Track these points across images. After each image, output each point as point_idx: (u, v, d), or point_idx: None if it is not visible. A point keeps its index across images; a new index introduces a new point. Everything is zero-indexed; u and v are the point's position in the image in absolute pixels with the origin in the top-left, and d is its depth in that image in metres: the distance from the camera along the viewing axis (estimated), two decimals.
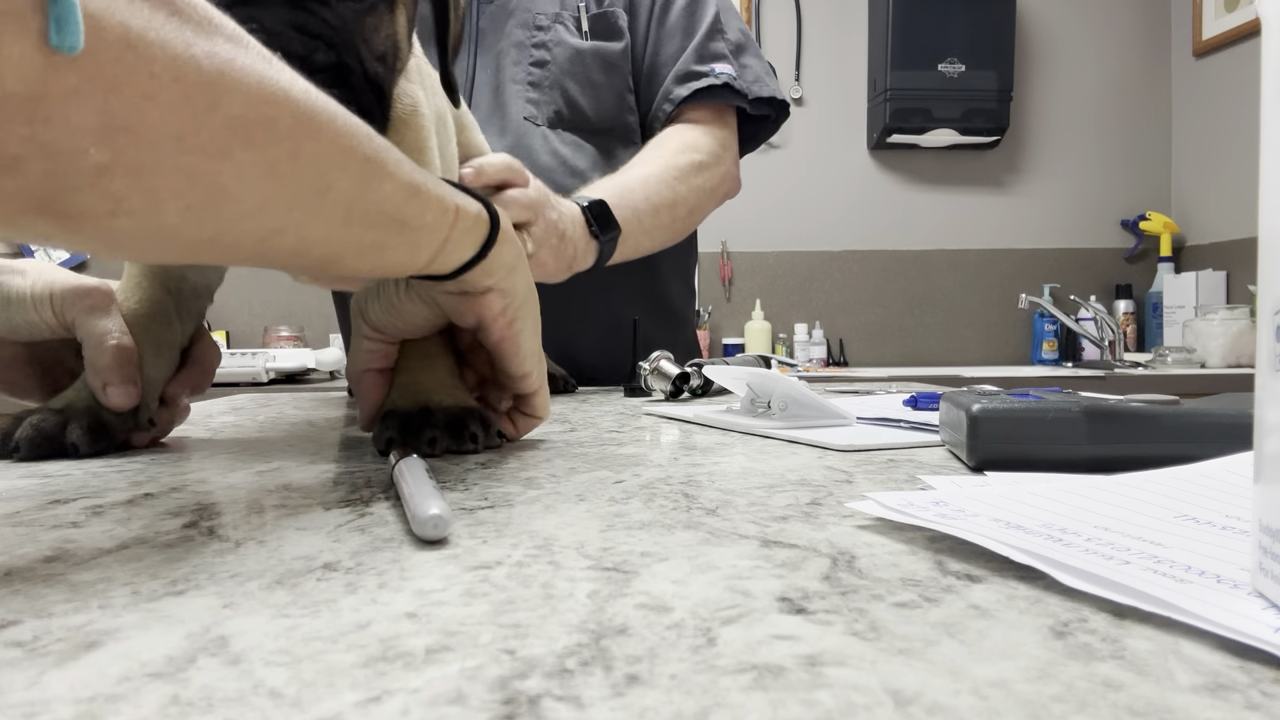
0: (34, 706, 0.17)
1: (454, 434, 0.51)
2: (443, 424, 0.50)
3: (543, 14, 1.12)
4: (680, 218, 1.09)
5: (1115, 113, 3.00)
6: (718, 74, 1.12)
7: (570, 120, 1.12)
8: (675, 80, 1.13)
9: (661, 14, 1.15)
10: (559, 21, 1.12)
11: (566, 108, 1.11)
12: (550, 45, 1.11)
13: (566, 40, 1.11)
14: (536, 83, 1.11)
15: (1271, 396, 0.21)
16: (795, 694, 0.17)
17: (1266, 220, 0.21)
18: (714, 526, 0.31)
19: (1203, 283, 2.70)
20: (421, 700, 0.17)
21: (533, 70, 1.11)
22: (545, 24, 1.12)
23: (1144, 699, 0.17)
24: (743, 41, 1.17)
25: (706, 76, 1.12)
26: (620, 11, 1.14)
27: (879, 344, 2.97)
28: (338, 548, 0.29)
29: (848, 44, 2.93)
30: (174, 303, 0.58)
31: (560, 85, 1.11)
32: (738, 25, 1.19)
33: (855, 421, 0.60)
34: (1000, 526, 0.28)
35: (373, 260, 0.42)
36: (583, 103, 1.12)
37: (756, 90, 1.14)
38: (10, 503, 0.37)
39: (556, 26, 1.12)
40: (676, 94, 1.12)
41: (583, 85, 1.11)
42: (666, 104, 1.13)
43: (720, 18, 1.17)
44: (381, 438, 0.50)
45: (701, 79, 1.12)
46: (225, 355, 2.13)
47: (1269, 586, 0.21)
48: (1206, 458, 0.35)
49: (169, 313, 0.58)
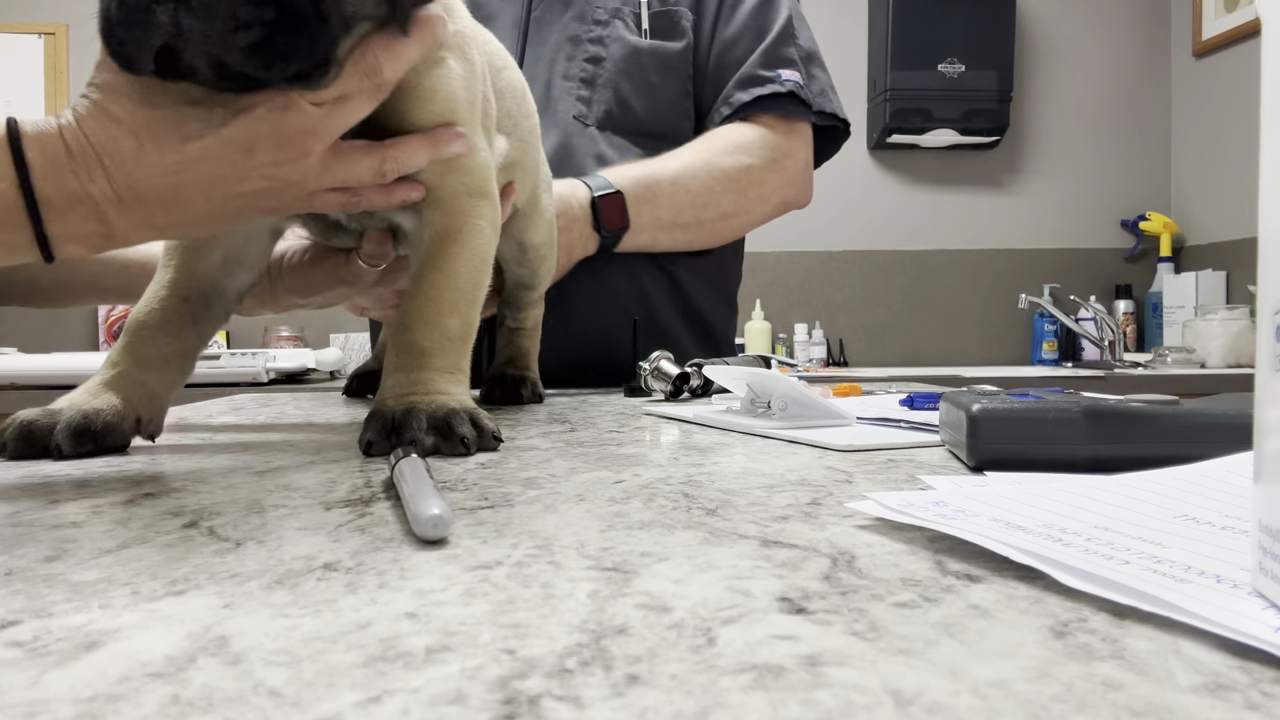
0: (34, 706, 0.17)
1: (442, 435, 0.50)
2: (427, 425, 0.50)
3: (601, 8, 1.06)
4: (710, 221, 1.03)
5: (1115, 113, 3.00)
6: (783, 81, 1.06)
7: (621, 122, 1.06)
8: (738, 84, 1.06)
9: (730, 11, 1.09)
10: (618, 17, 1.06)
11: (618, 108, 1.05)
12: (606, 42, 1.06)
13: (624, 37, 1.05)
14: (589, 80, 1.05)
15: (1271, 396, 0.21)
16: (795, 694, 0.17)
17: (1266, 220, 0.21)
18: (714, 526, 0.31)
19: (1202, 283, 2.70)
20: (421, 700, 0.17)
21: (586, 67, 1.05)
22: (603, 18, 1.06)
23: (1144, 699, 0.17)
24: (814, 50, 1.11)
25: (771, 82, 1.05)
26: (685, 10, 1.07)
27: (879, 344, 2.97)
28: (338, 548, 0.29)
29: (847, 44, 2.93)
30: (190, 311, 0.58)
31: (614, 84, 1.05)
32: (809, 33, 1.13)
33: (855, 421, 0.60)
34: (1000, 526, 0.28)
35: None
36: (636, 104, 1.06)
37: (821, 103, 1.08)
38: (10, 503, 0.37)
39: (615, 22, 1.06)
40: (737, 98, 1.06)
41: (637, 86, 1.06)
42: (725, 107, 1.06)
43: (793, 21, 1.10)
44: (363, 439, 0.50)
45: (766, 84, 1.05)
46: (225, 355, 2.13)
47: (1269, 586, 0.21)
48: (1206, 458, 0.35)
49: (182, 323, 0.58)
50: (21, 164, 0.44)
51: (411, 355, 0.55)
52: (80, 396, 0.53)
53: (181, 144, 0.47)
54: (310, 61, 0.47)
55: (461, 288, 0.58)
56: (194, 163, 0.47)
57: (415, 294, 0.57)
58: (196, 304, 0.59)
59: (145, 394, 0.55)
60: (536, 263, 0.87)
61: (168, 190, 0.47)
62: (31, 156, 0.44)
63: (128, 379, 0.54)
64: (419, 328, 0.55)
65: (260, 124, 0.48)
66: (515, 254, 0.85)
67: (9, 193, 0.44)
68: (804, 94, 1.06)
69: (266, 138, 0.48)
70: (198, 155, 0.47)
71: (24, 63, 2.67)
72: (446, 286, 0.57)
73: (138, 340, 0.56)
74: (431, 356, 0.55)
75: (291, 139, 0.49)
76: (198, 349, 0.59)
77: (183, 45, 0.45)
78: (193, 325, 0.59)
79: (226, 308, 0.62)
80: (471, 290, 0.59)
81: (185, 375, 0.58)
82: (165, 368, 0.56)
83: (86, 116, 0.46)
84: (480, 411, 0.53)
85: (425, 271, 0.58)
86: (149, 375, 0.55)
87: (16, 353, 2.29)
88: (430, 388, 0.53)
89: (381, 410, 0.51)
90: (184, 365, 0.58)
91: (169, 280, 0.58)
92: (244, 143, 0.48)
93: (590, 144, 1.05)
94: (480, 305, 0.60)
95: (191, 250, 0.59)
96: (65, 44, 2.68)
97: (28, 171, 0.44)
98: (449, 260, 0.58)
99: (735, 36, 1.08)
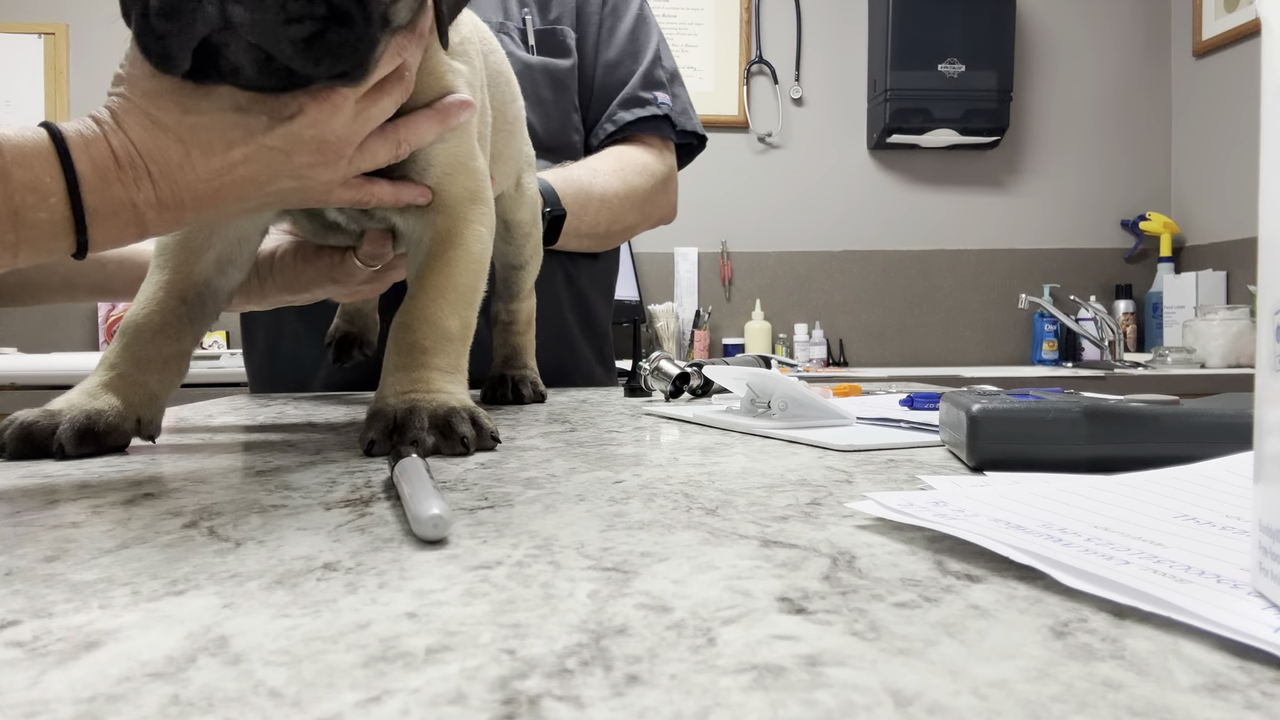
0: (34, 706, 0.17)
1: (443, 434, 0.50)
2: (429, 424, 0.50)
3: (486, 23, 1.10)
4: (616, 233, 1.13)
5: (1115, 113, 3.00)
6: (660, 103, 1.15)
7: None
8: (621, 105, 1.14)
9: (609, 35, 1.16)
10: (504, 33, 1.09)
11: None
12: None
13: (515, 53, 1.08)
14: None
15: (1271, 396, 0.21)
16: (795, 694, 0.17)
17: (1266, 220, 0.21)
18: (714, 526, 0.31)
19: (1202, 283, 2.70)
20: (421, 700, 0.17)
21: None
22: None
23: (1144, 699, 0.17)
24: (675, 71, 1.21)
25: (650, 105, 1.15)
26: (568, 29, 1.13)
27: (879, 344, 2.97)
28: (338, 548, 0.29)
29: (848, 44, 2.93)
30: (188, 312, 0.58)
31: None
32: (669, 53, 1.22)
33: (855, 421, 0.60)
34: (1000, 526, 0.28)
35: None
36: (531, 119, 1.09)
37: (683, 122, 1.18)
38: (10, 503, 0.37)
39: (501, 36, 1.08)
40: (621, 117, 1.14)
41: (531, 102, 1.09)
42: (609, 124, 1.14)
43: (661, 44, 1.19)
44: (365, 439, 0.50)
45: (646, 106, 1.14)
46: (225, 355, 2.13)
47: (1269, 586, 0.21)
48: (1206, 458, 0.35)
49: (180, 324, 0.58)
50: (72, 177, 0.44)
51: (412, 354, 0.55)
52: (79, 398, 0.53)
53: (226, 150, 0.47)
54: (355, 59, 0.48)
55: (461, 289, 0.59)
56: (235, 167, 0.48)
57: (417, 294, 0.58)
58: (193, 305, 0.59)
59: (145, 395, 0.55)
60: (522, 240, 0.90)
61: (208, 194, 0.48)
62: (82, 170, 0.44)
63: (127, 380, 0.54)
64: (420, 327, 0.56)
65: (304, 130, 0.49)
66: (500, 231, 0.89)
67: (59, 208, 0.44)
68: (674, 116, 1.17)
69: (307, 143, 0.49)
70: (240, 160, 0.48)
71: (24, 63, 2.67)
72: (447, 288, 0.58)
73: (136, 342, 0.56)
74: (432, 356, 0.55)
75: (331, 144, 0.50)
76: (193, 349, 0.59)
77: (227, 40, 0.45)
78: (190, 326, 0.59)
79: (219, 307, 0.62)
80: (470, 292, 0.60)
81: (183, 376, 0.58)
82: (165, 369, 0.56)
83: (133, 124, 0.46)
84: (479, 410, 0.53)
85: (426, 273, 0.59)
86: (149, 377, 0.55)
87: (16, 353, 2.30)
88: (431, 386, 0.53)
89: (383, 409, 0.51)
90: (182, 366, 0.58)
91: (165, 282, 0.58)
92: (285, 148, 0.49)
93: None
94: (478, 307, 0.61)
95: (186, 251, 0.59)
96: (65, 44, 2.68)
97: (78, 185, 0.44)
98: (449, 264, 0.59)
99: (616, 59, 1.16)
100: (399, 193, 0.58)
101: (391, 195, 0.58)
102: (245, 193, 0.49)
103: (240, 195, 0.49)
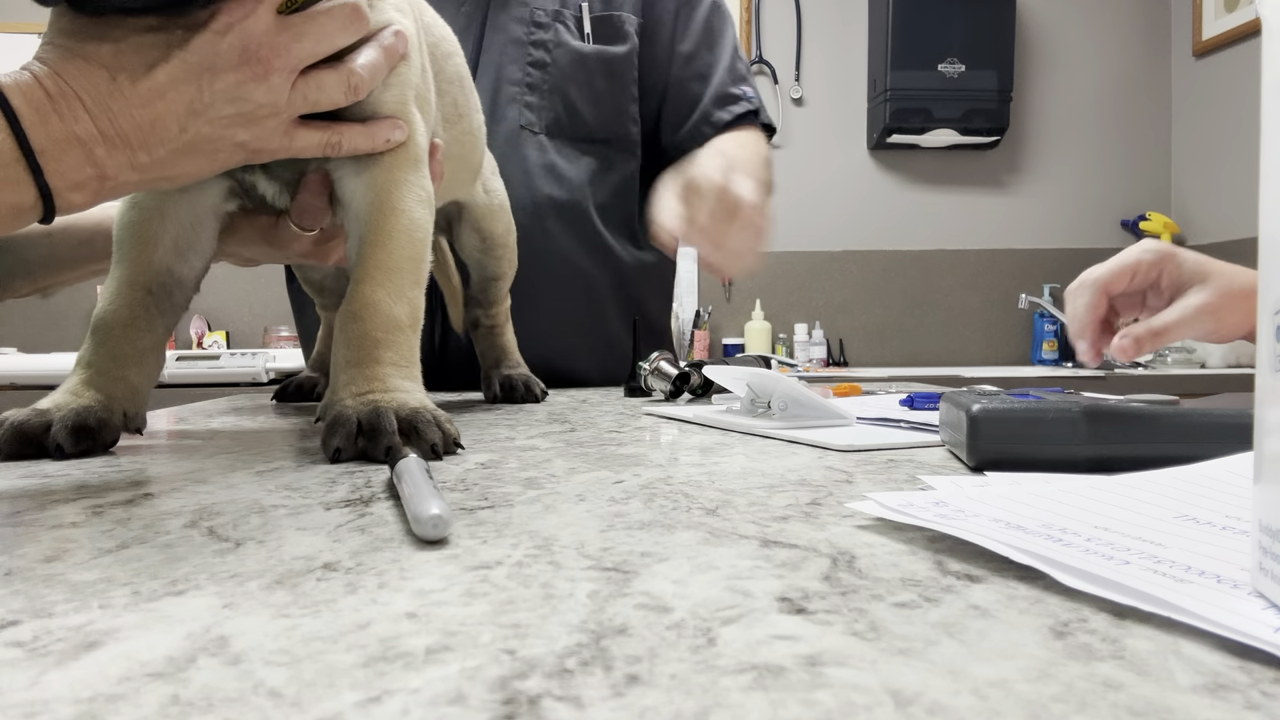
0: (34, 706, 0.17)
1: (408, 438, 0.48)
2: (396, 429, 0.48)
3: (541, 10, 1.07)
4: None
5: (1115, 113, 3.00)
6: (750, 98, 1.15)
7: (569, 128, 1.08)
8: (715, 102, 1.13)
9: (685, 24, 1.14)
10: (559, 20, 1.07)
11: (566, 115, 1.07)
12: (550, 46, 1.07)
13: (568, 42, 1.07)
14: (535, 85, 1.06)
15: (1271, 396, 0.21)
16: (795, 694, 0.17)
17: (1266, 220, 0.21)
18: (714, 526, 0.31)
19: None
20: (421, 700, 0.17)
21: (531, 72, 1.06)
22: (544, 21, 1.07)
23: (1144, 699, 0.17)
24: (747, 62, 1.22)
25: (743, 100, 1.14)
26: (628, 15, 1.10)
27: (879, 344, 2.97)
28: (338, 548, 0.29)
29: (848, 44, 2.93)
30: (155, 303, 0.58)
31: (561, 90, 1.07)
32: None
33: (855, 422, 0.60)
34: (1000, 526, 0.28)
35: None
36: (585, 110, 1.08)
37: (765, 116, 1.18)
38: (10, 503, 0.37)
39: (557, 25, 1.07)
40: (719, 117, 1.13)
41: (585, 92, 1.08)
42: (707, 127, 1.13)
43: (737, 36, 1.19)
44: (330, 445, 0.48)
45: (739, 102, 1.14)
46: (225, 355, 2.13)
47: (1269, 586, 0.21)
48: (1206, 458, 0.35)
49: (150, 316, 0.57)
50: (10, 113, 0.44)
51: (364, 348, 0.53)
52: (65, 397, 0.53)
53: (149, 71, 0.47)
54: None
55: (405, 266, 0.56)
56: (164, 89, 0.47)
57: (361, 278, 0.55)
58: (159, 296, 0.58)
59: (127, 389, 0.55)
60: (500, 251, 0.91)
61: (145, 123, 0.47)
62: (17, 105, 0.44)
63: (107, 376, 0.54)
64: (370, 317, 0.54)
65: (218, 39, 0.48)
66: (477, 244, 0.90)
67: (5, 143, 0.44)
68: (762, 111, 1.18)
69: (226, 52, 0.48)
70: (166, 81, 0.47)
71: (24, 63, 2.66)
72: (391, 267, 0.56)
73: (109, 338, 0.55)
74: (384, 349, 0.53)
75: (255, 53, 0.49)
76: (166, 340, 0.59)
77: None
78: (159, 317, 0.58)
79: (187, 295, 0.61)
80: (415, 268, 0.58)
81: (160, 367, 0.58)
82: (142, 362, 0.56)
83: (56, 59, 0.46)
84: (439, 412, 0.51)
85: (367, 248, 0.56)
86: (127, 371, 0.55)
87: (16, 353, 2.30)
88: (388, 385, 0.52)
89: (343, 413, 0.49)
90: (158, 358, 0.58)
91: (125, 275, 0.58)
92: (206, 62, 0.48)
93: (540, 153, 1.07)
94: (424, 285, 0.59)
95: (141, 241, 0.58)
96: None
97: (18, 121, 0.44)
98: (390, 236, 0.57)
99: (693, 50, 1.15)
100: (372, 132, 0.56)
101: (366, 138, 0.56)
102: (185, 121, 0.48)
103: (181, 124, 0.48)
